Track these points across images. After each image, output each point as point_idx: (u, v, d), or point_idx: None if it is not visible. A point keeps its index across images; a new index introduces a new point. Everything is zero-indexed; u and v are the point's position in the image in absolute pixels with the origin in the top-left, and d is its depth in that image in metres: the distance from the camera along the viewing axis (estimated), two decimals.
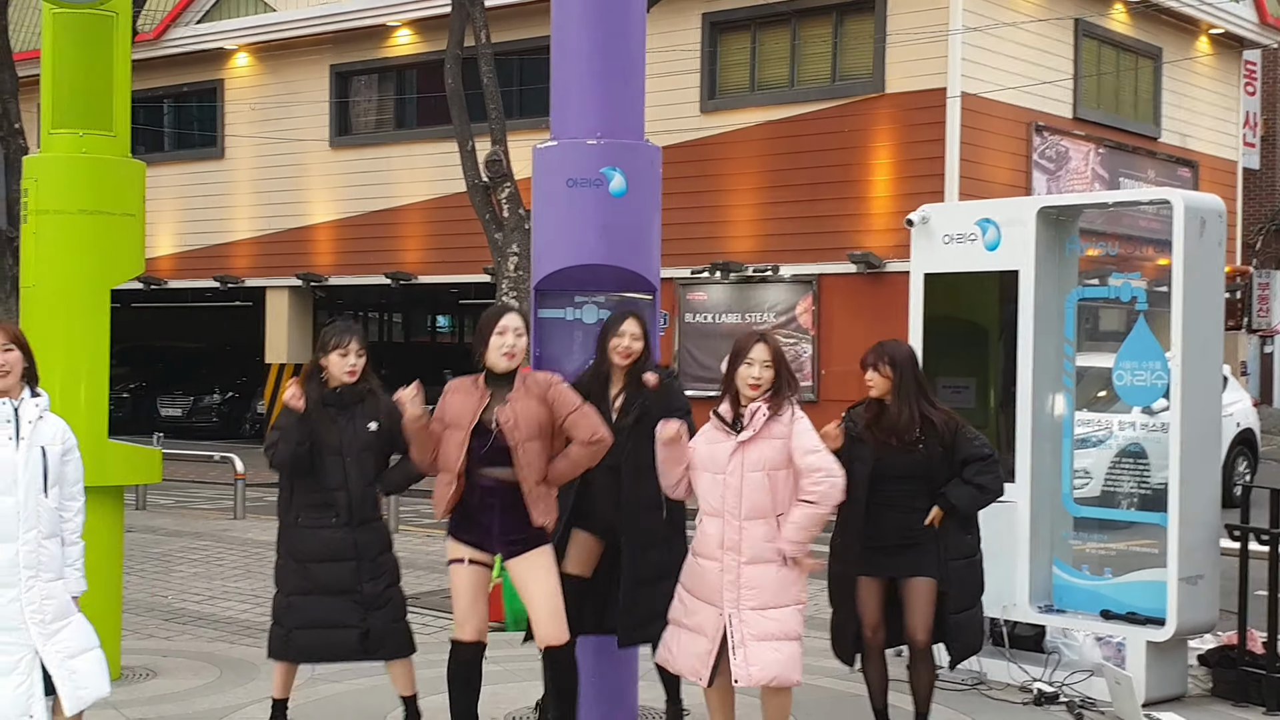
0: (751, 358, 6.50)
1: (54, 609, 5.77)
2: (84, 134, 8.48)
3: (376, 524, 7.04)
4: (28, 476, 5.68)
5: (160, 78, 28.38)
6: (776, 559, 6.40)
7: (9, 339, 5.77)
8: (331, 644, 6.98)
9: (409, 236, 26.13)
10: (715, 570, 6.45)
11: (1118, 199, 9.71)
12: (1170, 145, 24.84)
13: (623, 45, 7.48)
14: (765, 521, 6.41)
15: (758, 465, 6.42)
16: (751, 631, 6.38)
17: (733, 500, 6.42)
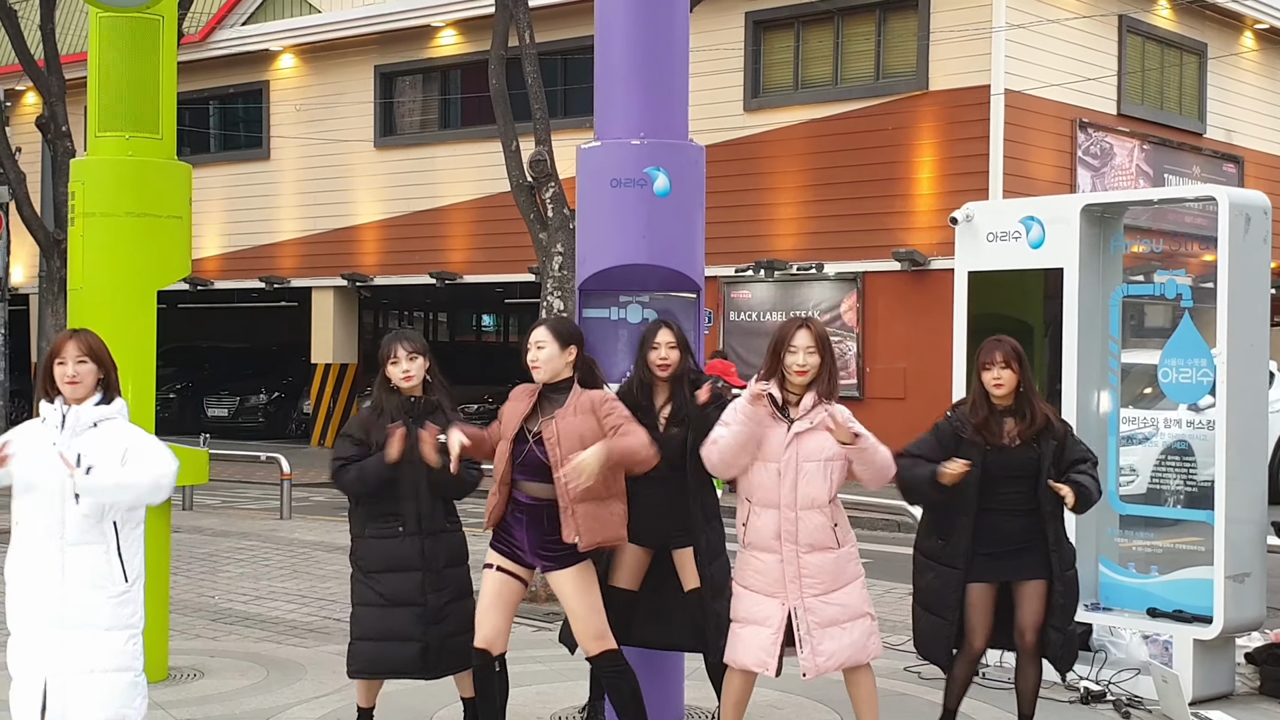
0: (795, 344, 6.46)
1: (77, 618, 5.69)
2: (130, 137, 8.55)
3: (447, 535, 6.92)
4: (57, 485, 5.65)
5: (206, 79, 28.56)
6: (831, 545, 6.43)
7: (83, 351, 5.79)
8: (390, 657, 6.84)
9: (454, 236, 26.22)
10: (775, 562, 6.44)
11: (1162, 196, 9.66)
12: (1215, 141, 24.67)
13: (666, 45, 7.49)
14: (820, 510, 6.42)
15: (813, 455, 6.41)
16: (816, 620, 6.41)
17: (788, 491, 6.42)
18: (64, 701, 5.68)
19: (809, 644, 6.41)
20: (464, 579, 6.98)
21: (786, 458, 6.42)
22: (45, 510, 5.68)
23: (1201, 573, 8.40)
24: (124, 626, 5.80)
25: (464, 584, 6.98)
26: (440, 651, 6.83)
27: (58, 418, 5.73)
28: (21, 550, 5.72)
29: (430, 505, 6.84)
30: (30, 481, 5.69)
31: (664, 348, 6.87)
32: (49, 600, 5.67)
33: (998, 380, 6.90)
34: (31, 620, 5.70)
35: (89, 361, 5.78)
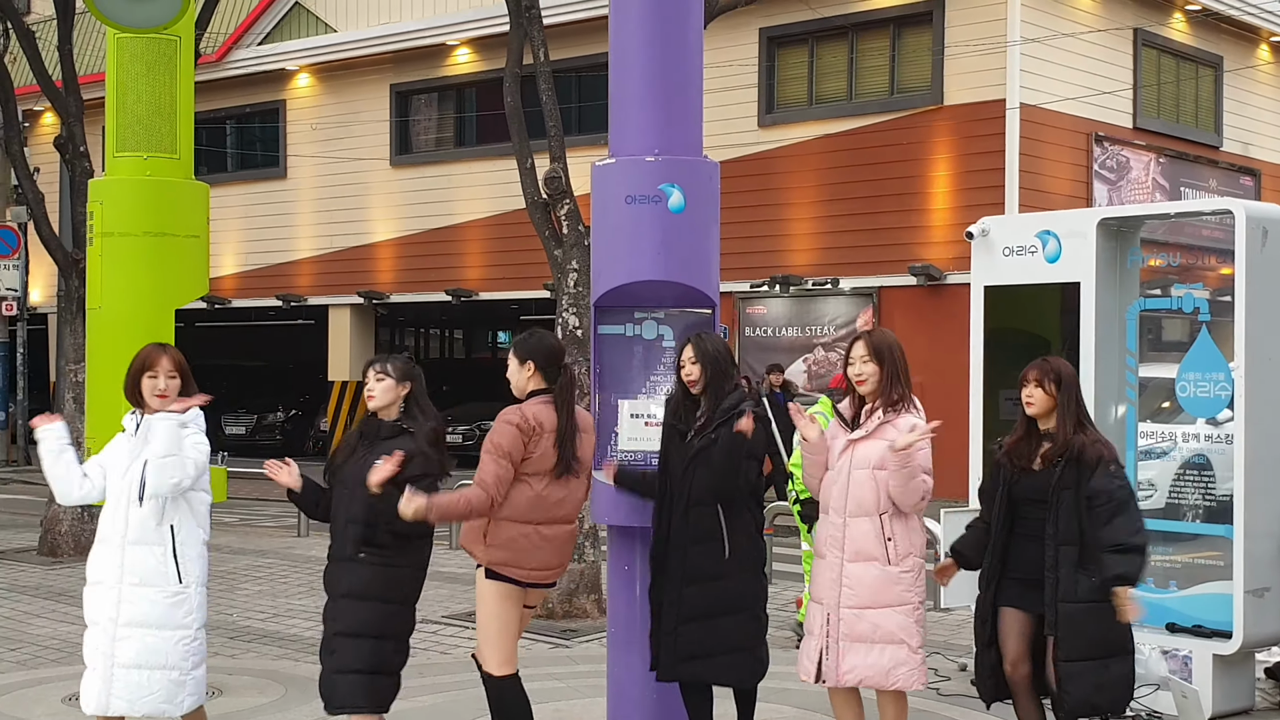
0: (852, 355, 6.66)
1: (127, 615, 6.19)
2: (148, 157, 8.59)
3: (355, 565, 6.39)
4: (125, 485, 6.22)
5: (223, 99, 28.66)
6: (879, 558, 6.42)
7: (174, 367, 6.36)
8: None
9: (469, 253, 26.26)
10: (824, 568, 6.57)
11: (1178, 210, 9.64)
12: (1232, 154, 24.63)
13: (680, 62, 7.50)
14: (869, 519, 6.45)
15: (864, 463, 6.49)
16: (846, 632, 6.43)
17: (839, 496, 6.52)
18: (110, 692, 6.18)
19: (833, 653, 6.44)
20: (356, 614, 6.36)
21: (840, 464, 6.56)
22: (113, 511, 6.27)
23: (1221, 587, 8.37)
24: (176, 626, 6.21)
25: (357, 619, 6.36)
26: (323, 683, 6.52)
27: (132, 426, 6.30)
28: (95, 550, 6.34)
29: (342, 529, 6.43)
30: (112, 490, 6.31)
31: (687, 364, 6.80)
32: (109, 597, 6.22)
33: (1029, 398, 6.75)
34: (95, 614, 6.27)
35: (178, 377, 6.35)
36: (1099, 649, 6.61)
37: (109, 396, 8.56)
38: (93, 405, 8.72)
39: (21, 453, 28.42)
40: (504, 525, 6.56)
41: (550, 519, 6.63)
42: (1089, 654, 6.60)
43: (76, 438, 14.05)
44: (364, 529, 6.35)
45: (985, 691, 6.94)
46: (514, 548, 6.54)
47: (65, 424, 6.50)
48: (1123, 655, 6.65)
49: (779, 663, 9.49)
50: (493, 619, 6.67)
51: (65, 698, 8.72)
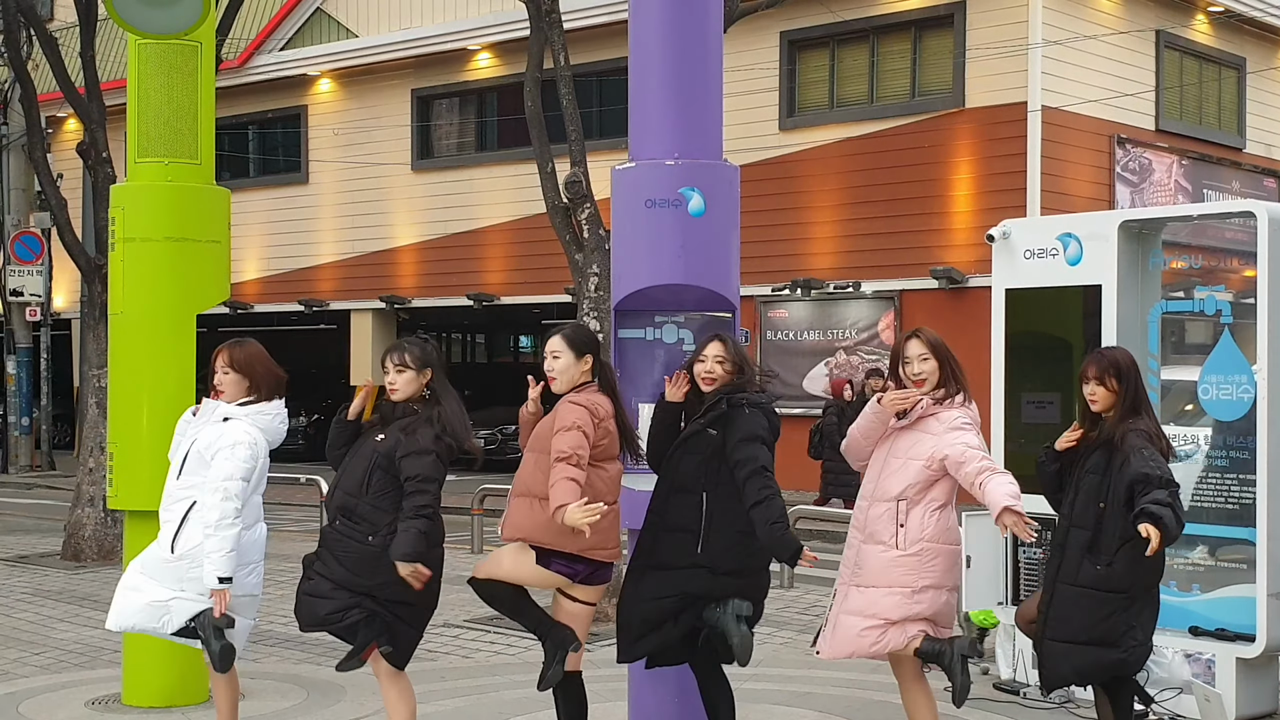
0: (908, 355, 6.65)
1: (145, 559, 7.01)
2: (169, 162, 8.61)
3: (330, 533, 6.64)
4: (176, 459, 6.92)
5: (245, 104, 28.75)
6: (888, 542, 6.50)
7: (226, 363, 6.98)
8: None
9: (491, 258, 26.29)
10: (846, 546, 6.73)
11: (1200, 212, 9.62)
12: (1255, 156, 24.55)
13: (700, 66, 7.50)
14: (888, 504, 6.54)
15: (898, 453, 6.57)
16: (845, 607, 6.59)
17: (870, 482, 6.64)
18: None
19: (830, 624, 6.64)
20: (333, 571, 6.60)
21: (877, 453, 6.66)
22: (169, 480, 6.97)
23: (1244, 590, 8.34)
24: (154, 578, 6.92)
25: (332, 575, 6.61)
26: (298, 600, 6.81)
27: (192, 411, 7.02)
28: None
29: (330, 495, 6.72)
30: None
31: (711, 360, 6.62)
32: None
33: (1091, 395, 6.70)
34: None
35: (232, 372, 6.93)
36: (1087, 636, 6.59)
37: (131, 401, 8.60)
38: (115, 410, 8.75)
39: (46, 458, 28.52)
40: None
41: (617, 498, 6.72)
42: (1075, 638, 6.61)
43: (99, 442, 14.18)
44: (344, 497, 6.59)
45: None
46: (600, 530, 6.34)
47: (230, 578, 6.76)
48: (1109, 648, 6.60)
49: (798, 666, 9.50)
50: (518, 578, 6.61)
51: (89, 701, 8.76)
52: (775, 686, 8.64)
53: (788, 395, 22.38)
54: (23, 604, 12.37)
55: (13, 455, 28.52)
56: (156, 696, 8.58)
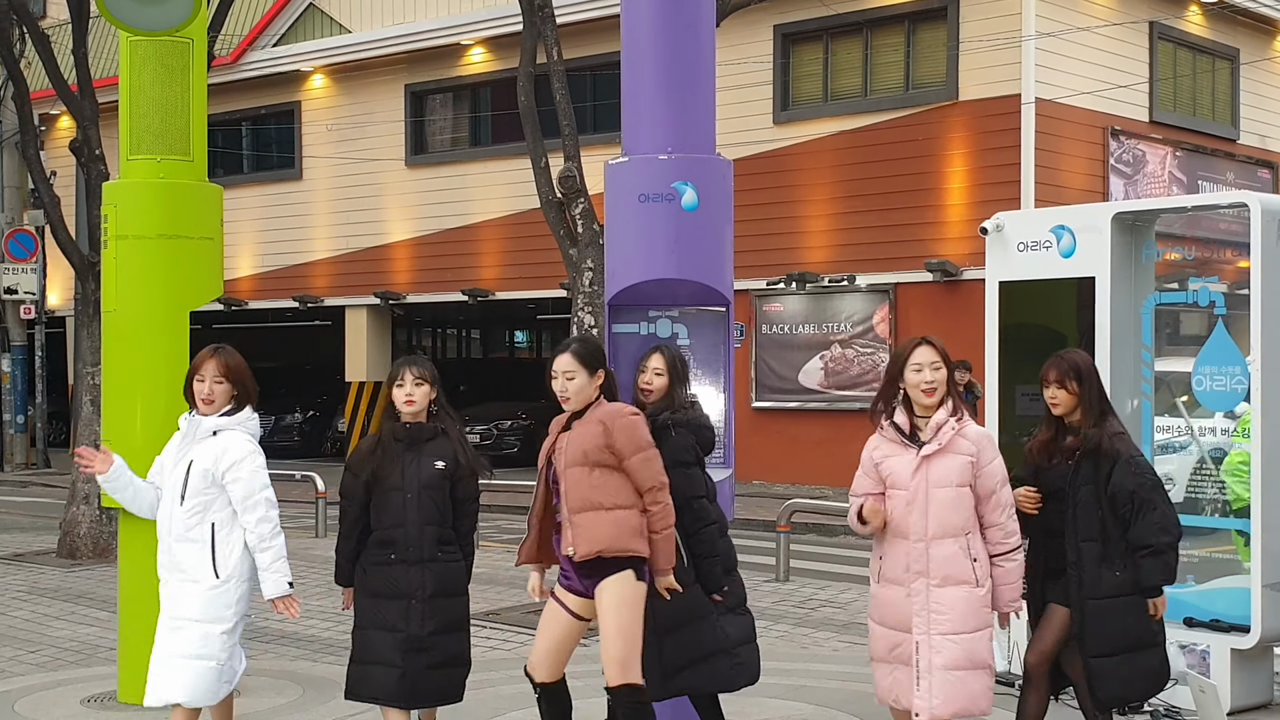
0: (919, 361, 6.17)
1: (177, 609, 6.53)
2: (161, 159, 8.60)
3: (437, 565, 6.62)
4: (171, 485, 6.52)
5: (238, 101, 28.72)
6: (969, 580, 6.09)
7: (220, 372, 6.53)
8: (370, 680, 6.72)
9: (486, 253, 26.28)
10: (903, 596, 6.15)
11: (1194, 203, 9.60)
12: (1249, 147, 24.55)
13: (692, 60, 7.50)
14: (955, 540, 6.08)
15: (944, 481, 6.08)
16: (941, 660, 6.07)
17: (918, 520, 6.09)
18: (157, 681, 6.52)
19: (926, 683, 6.08)
20: (454, 610, 6.69)
21: (915, 484, 6.09)
22: (164, 509, 6.57)
23: (1238, 581, 8.35)
24: (213, 620, 6.50)
25: (455, 616, 6.69)
26: (416, 680, 6.62)
27: (185, 426, 6.56)
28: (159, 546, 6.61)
29: (419, 534, 6.57)
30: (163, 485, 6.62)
31: (650, 372, 6.84)
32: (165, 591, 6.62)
33: (1053, 399, 6.65)
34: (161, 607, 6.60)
35: (225, 382, 6.51)
36: (1126, 643, 6.61)
37: (124, 398, 8.59)
38: (108, 407, 8.74)
39: (41, 455, 28.50)
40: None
41: None
42: (1116, 649, 6.61)
43: (94, 440, 14.17)
44: (439, 530, 6.59)
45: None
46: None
47: (116, 461, 6.67)
48: (1150, 648, 6.66)
49: (795, 659, 9.50)
50: (637, 623, 6.42)
51: (84, 699, 8.75)
52: (771, 680, 8.64)
53: (782, 389, 22.41)
54: (18, 602, 12.36)
55: (8, 453, 28.51)
56: None
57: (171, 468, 6.56)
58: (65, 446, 28.82)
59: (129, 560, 8.69)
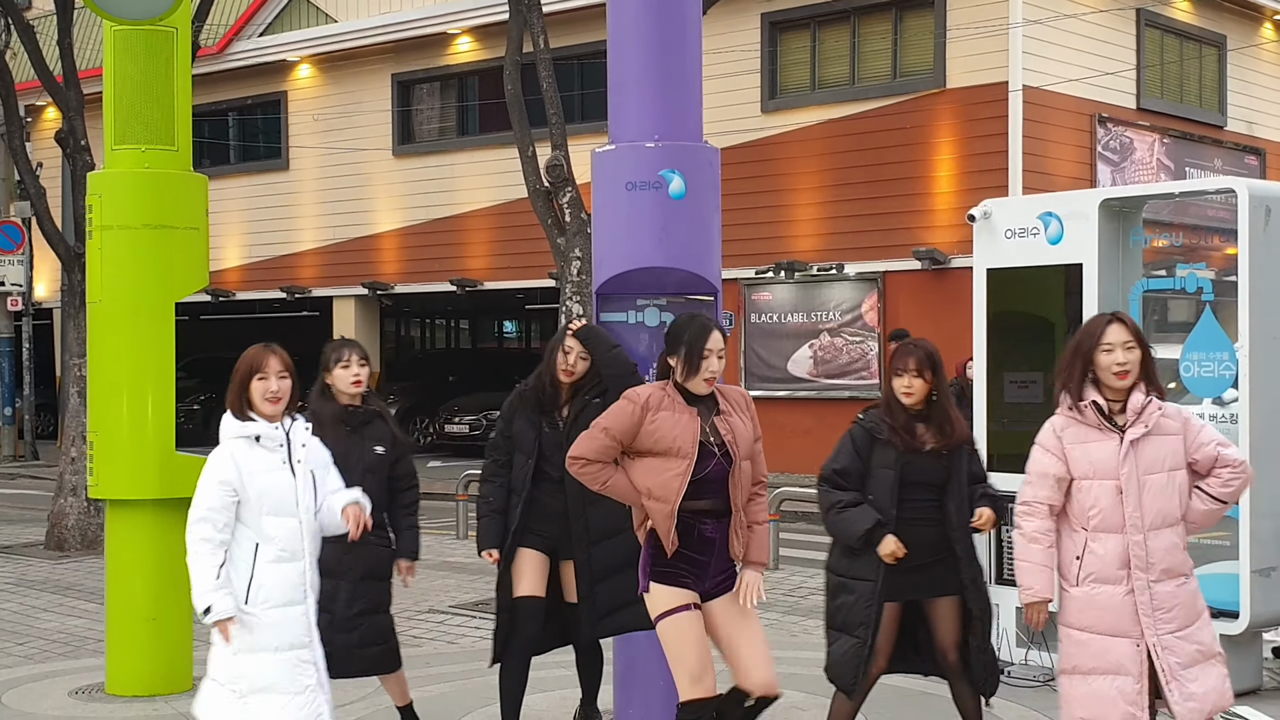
0: (1110, 341, 5.68)
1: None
2: (146, 149, 8.57)
3: (369, 549, 6.75)
4: (305, 499, 5.81)
5: (224, 91, 28.63)
6: (1185, 571, 5.70)
7: (284, 367, 5.96)
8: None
9: (474, 243, 26.23)
10: (1121, 595, 5.65)
11: (1181, 189, 9.62)
12: (1236, 133, 24.56)
13: (679, 48, 7.47)
14: (1173, 530, 5.67)
15: (1156, 466, 5.64)
16: (1179, 660, 5.63)
17: (1133, 510, 5.62)
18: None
19: (1177, 687, 5.61)
20: (379, 592, 7.04)
21: (1126, 472, 5.63)
22: (290, 529, 5.76)
23: (1227, 568, 8.35)
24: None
25: (379, 597, 7.04)
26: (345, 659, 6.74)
27: (280, 437, 5.86)
28: (270, 572, 5.74)
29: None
30: (274, 503, 5.75)
31: (574, 355, 7.09)
32: (305, 618, 5.82)
33: (908, 389, 6.45)
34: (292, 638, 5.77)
35: (289, 378, 5.95)
36: (990, 622, 6.66)
37: (110, 389, 8.56)
38: (94, 398, 8.71)
39: (29, 448, 28.43)
40: None
41: None
42: (989, 629, 6.64)
43: (81, 431, 14.14)
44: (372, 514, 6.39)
45: (850, 683, 6.58)
46: None
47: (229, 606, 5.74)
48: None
49: (785, 647, 9.50)
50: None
51: (72, 691, 8.74)
52: None
53: (771, 378, 22.39)
54: (6, 594, 12.33)
55: None
56: (140, 686, 8.55)
57: (293, 487, 5.81)
58: (53, 439, 28.76)
59: (116, 552, 8.68)
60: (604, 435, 5.83)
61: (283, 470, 5.78)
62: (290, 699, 5.71)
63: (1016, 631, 9.03)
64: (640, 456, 5.84)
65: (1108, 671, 5.68)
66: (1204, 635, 5.73)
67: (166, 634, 8.59)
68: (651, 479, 5.79)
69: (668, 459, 5.77)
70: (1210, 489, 5.68)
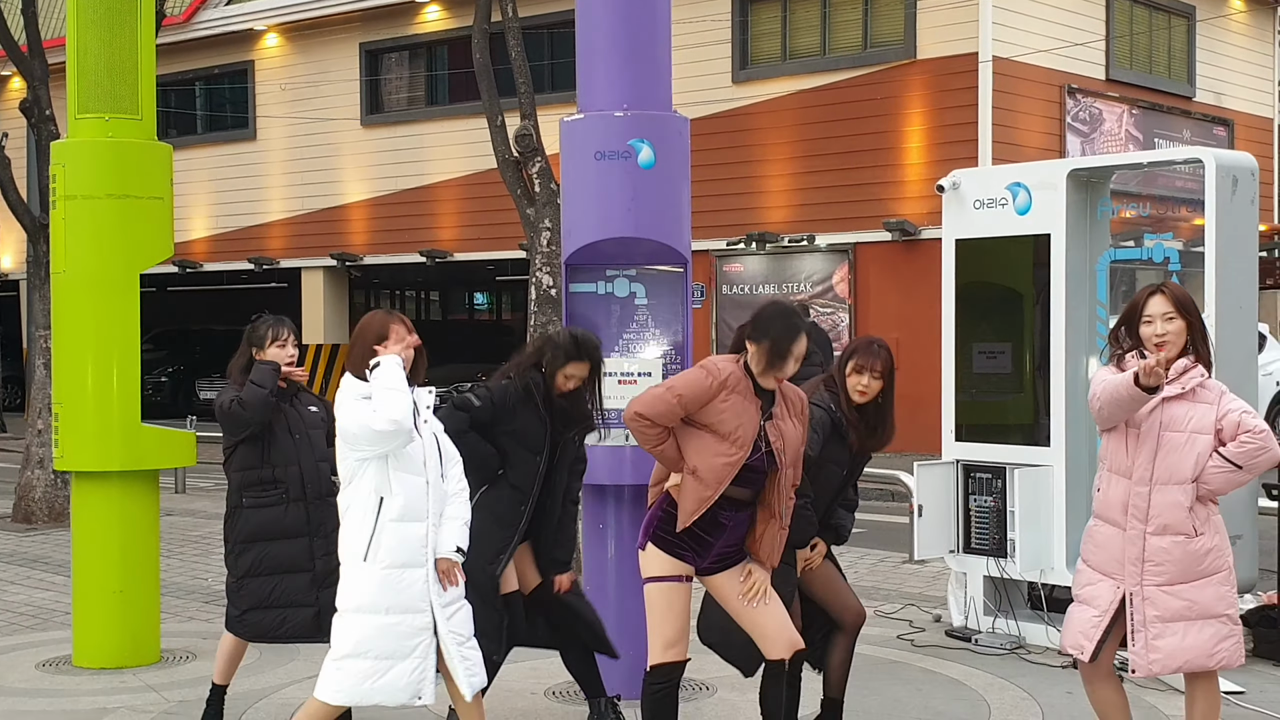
0: (1150, 313, 5.71)
1: (451, 591, 5.86)
2: (110, 118, 8.50)
3: (333, 501, 6.47)
4: (432, 460, 5.83)
5: (190, 60, 28.45)
6: (1187, 531, 5.67)
7: (409, 333, 5.95)
8: (288, 622, 6.88)
9: (443, 214, 26.15)
10: (1115, 537, 5.76)
11: (1149, 159, 9.63)
12: (1205, 104, 24.63)
13: (648, 16, 7.45)
14: (1181, 488, 5.67)
15: (1179, 425, 5.66)
16: (1156, 612, 5.68)
17: (1144, 461, 5.69)
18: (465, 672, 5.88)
19: (1142, 637, 5.70)
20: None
21: (1149, 425, 5.69)
22: (420, 490, 5.79)
23: None
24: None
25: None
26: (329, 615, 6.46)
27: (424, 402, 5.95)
28: (392, 532, 5.74)
29: (314, 470, 6.90)
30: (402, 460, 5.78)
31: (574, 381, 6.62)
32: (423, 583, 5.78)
33: (865, 389, 6.35)
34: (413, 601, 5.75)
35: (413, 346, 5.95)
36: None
37: (75, 361, 8.50)
38: (59, 370, 8.65)
39: None
40: None
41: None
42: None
43: (46, 402, 14.07)
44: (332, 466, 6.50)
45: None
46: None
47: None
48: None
49: None
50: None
51: (40, 663, 8.69)
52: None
53: None
54: None
55: None
56: (107, 658, 8.52)
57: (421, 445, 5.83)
58: (20, 411, 28.58)
59: (83, 524, 8.63)
60: (676, 401, 5.62)
61: (425, 437, 5.84)
62: (395, 663, 5.72)
63: (984, 600, 9.06)
64: (696, 429, 5.67)
65: (1083, 601, 5.87)
66: (1203, 595, 5.70)
67: (134, 606, 8.55)
68: (701, 459, 5.64)
69: (723, 443, 5.62)
70: (1225, 452, 5.69)
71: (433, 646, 5.78)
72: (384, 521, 5.73)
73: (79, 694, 8.00)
